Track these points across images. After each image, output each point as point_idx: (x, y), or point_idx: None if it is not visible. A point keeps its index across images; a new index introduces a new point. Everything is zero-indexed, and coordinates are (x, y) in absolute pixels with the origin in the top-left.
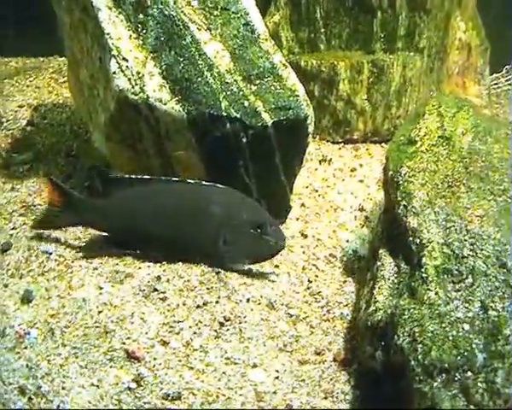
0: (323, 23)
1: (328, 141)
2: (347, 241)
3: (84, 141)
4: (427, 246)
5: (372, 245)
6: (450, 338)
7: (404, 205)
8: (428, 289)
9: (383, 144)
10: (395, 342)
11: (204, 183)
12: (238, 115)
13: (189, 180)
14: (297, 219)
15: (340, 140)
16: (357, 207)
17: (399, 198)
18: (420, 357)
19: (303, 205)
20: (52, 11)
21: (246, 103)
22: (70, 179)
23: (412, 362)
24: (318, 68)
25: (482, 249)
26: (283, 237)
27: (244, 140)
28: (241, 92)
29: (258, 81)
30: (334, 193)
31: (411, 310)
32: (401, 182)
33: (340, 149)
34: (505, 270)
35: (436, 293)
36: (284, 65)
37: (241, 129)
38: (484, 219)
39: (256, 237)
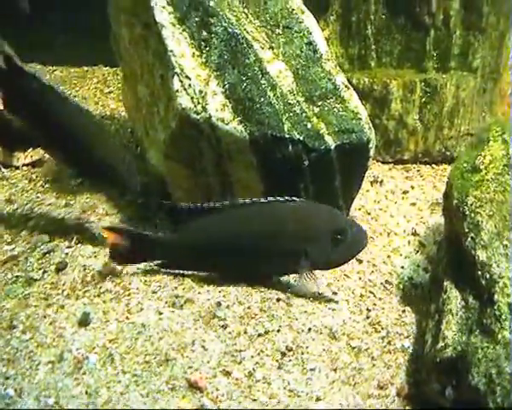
0: (374, 40)
1: (378, 161)
2: (402, 267)
3: (135, 156)
4: (499, 282)
5: (430, 273)
6: None
7: (472, 237)
8: (503, 328)
9: (434, 165)
10: (469, 381)
11: (272, 199)
12: (301, 138)
13: (254, 199)
14: None
15: (390, 160)
16: (410, 231)
17: (467, 230)
18: (499, 400)
19: None
20: (96, 21)
21: (309, 125)
22: (123, 196)
23: (491, 404)
24: (371, 87)
25: None
26: (365, 236)
27: (306, 162)
28: (303, 114)
29: (320, 102)
30: (386, 216)
31: (485, 349)
32: (468, 212)
33: (390, 169)
34: None
35: (511, 332)
36: (346, 86)
37: (303, 151)
38: None
39: (338, 244)
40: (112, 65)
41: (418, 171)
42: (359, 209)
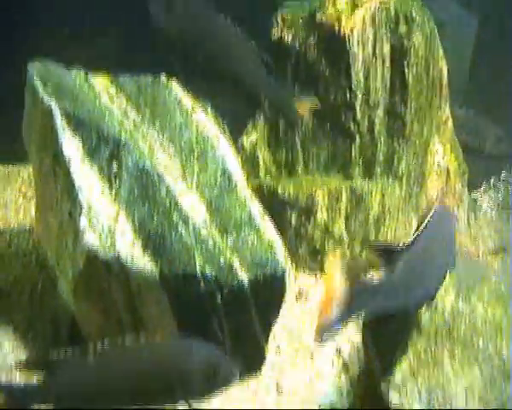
0: (301, 145)
1: (304, 271)
2: (324, 394)
3: (51, 278)
4: None
5: (350, 403)
6: None
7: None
8: None
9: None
10: None
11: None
12: (213, 273)
13: None
14: (272, 368)
15: (316, 270)
16: (334, 350)
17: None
18: None
19: (278, 349)
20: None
21: (221, 260)
22: (33, 327)
23: None
24: (296, 197)
25: None
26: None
27: (219, 298)
28: (217, 247)
29: (234, 234)
30: (310, 334)
31: None
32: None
33: (317, 280)
34: None
35: None
36: (261, 215)
37: (215, 288)
38: (469, 393)
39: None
40: None
41: None
42: (282, 328)
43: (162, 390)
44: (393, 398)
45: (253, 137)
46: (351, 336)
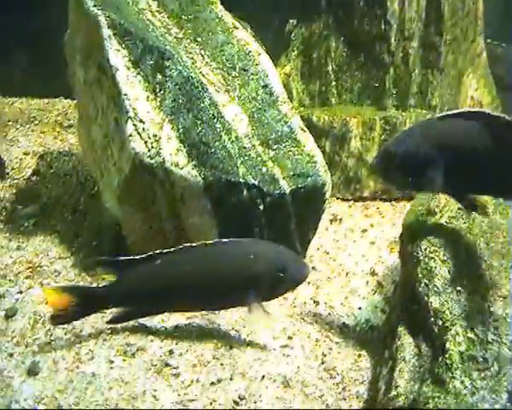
0: (335, 76)
1: (338, 198)
2: (359, 309)
3: (92, 195)
4: (451, 329)
5: (387, 316)
6: None
7: (426, 283)
8: (453, 378)
9: (393, 202)
10: None
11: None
12: (256, 182)
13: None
14: (308, 283)
15: (349, 197)
16: (368, 270)
17: (420, 275)
18: None
19: (314, 268)
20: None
21: (264, 169)
22: (77, 238)
23: None
24: (330, 124)
25: (507, 334)
26: (306, 271)
27: (261, 207)
28: (259, 158)
29: (276, 146)
30: (345, 255)
31: (436, 399)
32: (421, 258)
33: (350, 206)
34: None
35: (462, 382)
36: (302, 129)
37: (258, 196)
38: (507, 300)
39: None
40: (73, 97)
41: (378, 208)
42: (318, 249)
43: (231, 291)
44: (433, 302)
45: (287, 68)
46: (383, 256)
